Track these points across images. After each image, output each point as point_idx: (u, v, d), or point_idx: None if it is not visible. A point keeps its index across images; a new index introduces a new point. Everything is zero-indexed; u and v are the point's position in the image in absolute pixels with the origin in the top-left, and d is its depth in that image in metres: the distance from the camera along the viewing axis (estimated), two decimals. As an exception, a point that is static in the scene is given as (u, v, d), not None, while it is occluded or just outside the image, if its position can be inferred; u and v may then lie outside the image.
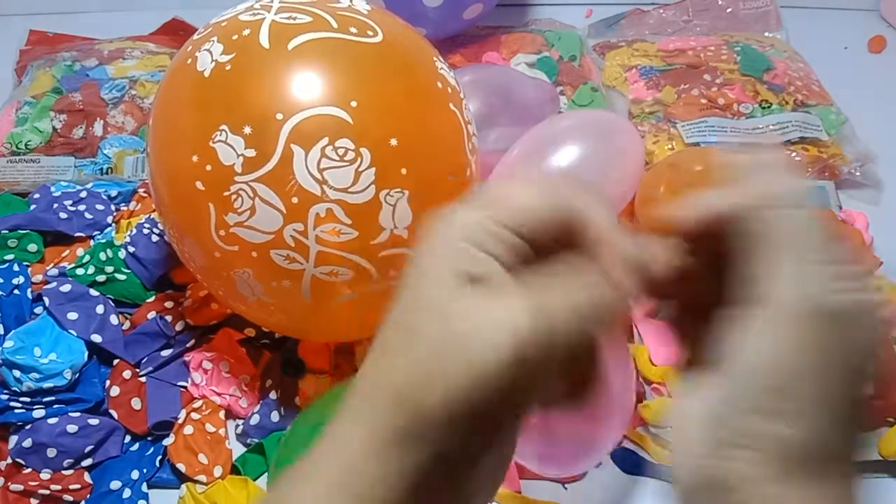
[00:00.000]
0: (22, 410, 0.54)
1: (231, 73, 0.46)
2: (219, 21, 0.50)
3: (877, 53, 0.92)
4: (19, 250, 0.64)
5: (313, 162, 0.43)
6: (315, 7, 0.48)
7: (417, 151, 0.47)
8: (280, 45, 0.46)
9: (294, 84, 0.44)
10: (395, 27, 0.52)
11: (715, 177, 0.31)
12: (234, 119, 0.44)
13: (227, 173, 0.44)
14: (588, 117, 0.65)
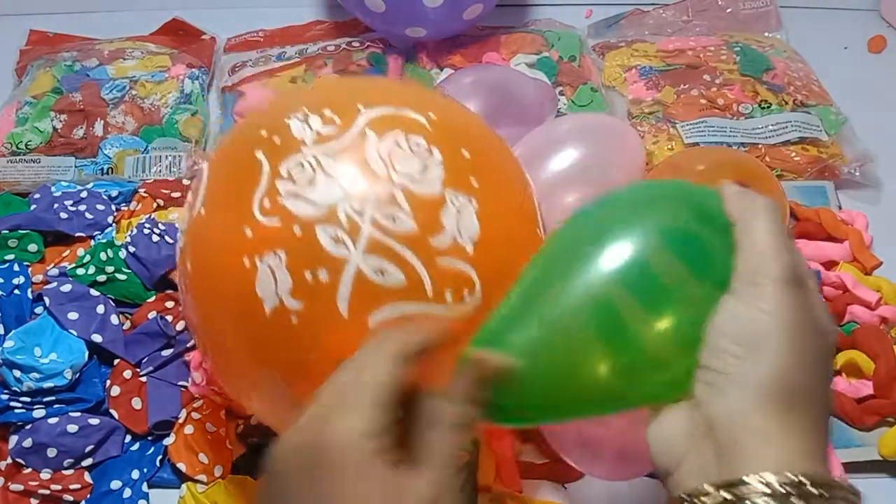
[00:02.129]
0: (22, 410, 0.54)
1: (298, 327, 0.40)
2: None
3: (877, 53, 0.92)
4: (20, 250, 0.64)
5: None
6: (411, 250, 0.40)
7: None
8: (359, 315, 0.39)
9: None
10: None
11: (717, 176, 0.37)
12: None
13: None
14: (588, 120, 0.65)
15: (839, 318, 0.62)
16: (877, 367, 0.57)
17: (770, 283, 0.29)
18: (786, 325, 0.29)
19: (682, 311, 0.31)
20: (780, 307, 0.29)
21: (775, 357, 0.28)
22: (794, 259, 0.30)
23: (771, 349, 0.28)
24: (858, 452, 0.54)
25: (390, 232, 0.39)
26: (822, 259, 0.65)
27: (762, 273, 0.29)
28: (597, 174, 0.61)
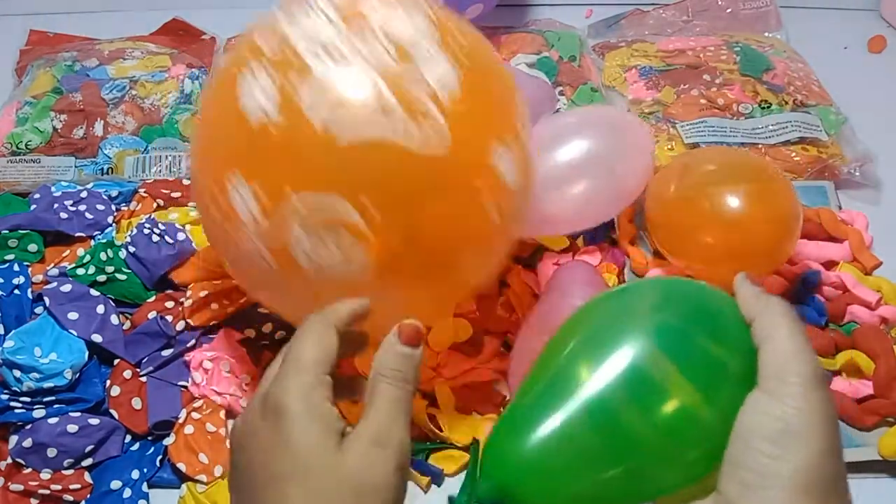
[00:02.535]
0: (22, 410, 0.54)
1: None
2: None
3: (877, 53, 0.92)
4: (20, 250, 0.64)
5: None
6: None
7: (481, 55, 0.48)
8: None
9: None
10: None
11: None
12: None
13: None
14: (595, 113, 0.65)
15: (839, 318, 0.62)
16: (877, 367, 0.57)
17: (799, 382, 0.30)
18: (816, 419, 0.29)
19: (678, 409, 0.32)
20: (810, 403, 0.30)
21: (808, 451, 0.29)
22: (816, 359, 0.31)
23: (804, 444, 0.29)
24: (858, 452, 0.54)
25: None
26: (822, 259, 0.65)
27: (790, 372, 0.30)
28: (605, 167, 0.61)
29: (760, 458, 0.29)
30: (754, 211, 0.56)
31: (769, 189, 0.57)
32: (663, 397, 0.32)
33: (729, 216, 0.56)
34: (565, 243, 0.67)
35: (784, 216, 0.56)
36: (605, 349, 0.33)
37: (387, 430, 0.32)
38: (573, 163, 0.61)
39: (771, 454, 0.29)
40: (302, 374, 0.33)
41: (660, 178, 0.62)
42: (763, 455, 0.29)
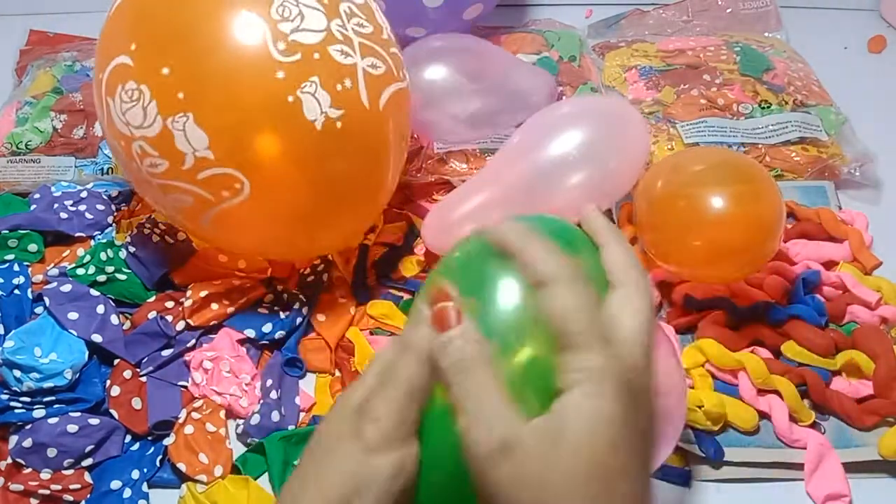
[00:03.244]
0: (22, 410, 0.54)
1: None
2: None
3: (877, 53, 0.92)
4: (20, 250, 0.64)
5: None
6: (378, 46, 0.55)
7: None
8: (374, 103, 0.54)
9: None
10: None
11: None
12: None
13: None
14: (590, 105, 0.64)
15: (839, 318, 0.62)
16: (877, 367, 0.56)
17: (485, 461, 0.30)
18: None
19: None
20: (497, 482, 0.30)
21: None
22: (502, 423, 0.30)
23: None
24: (858, 452, 0.54)
25: (365, 36, 0.53)
26: (822, 259, 0.65)
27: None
28: (600, 156, 0.61)
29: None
30: (737, 212, 0.56)
31: (752, 190, 0.57)
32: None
33: (711, 217, 0.56)
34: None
35: (767, 217, 0.57)
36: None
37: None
38: (568, 154, 0.61)
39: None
40: (390, 403, 0.32)
41: (649, 177, 0.62)
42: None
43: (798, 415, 0.56)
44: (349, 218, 0.58)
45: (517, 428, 0.29)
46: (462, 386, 0.30)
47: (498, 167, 0.64)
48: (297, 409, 0.57)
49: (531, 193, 0.61)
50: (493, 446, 0.29)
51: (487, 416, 0.29)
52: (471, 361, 0.31)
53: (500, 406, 0.30)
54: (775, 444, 0.55)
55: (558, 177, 0.60)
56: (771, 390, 0.57)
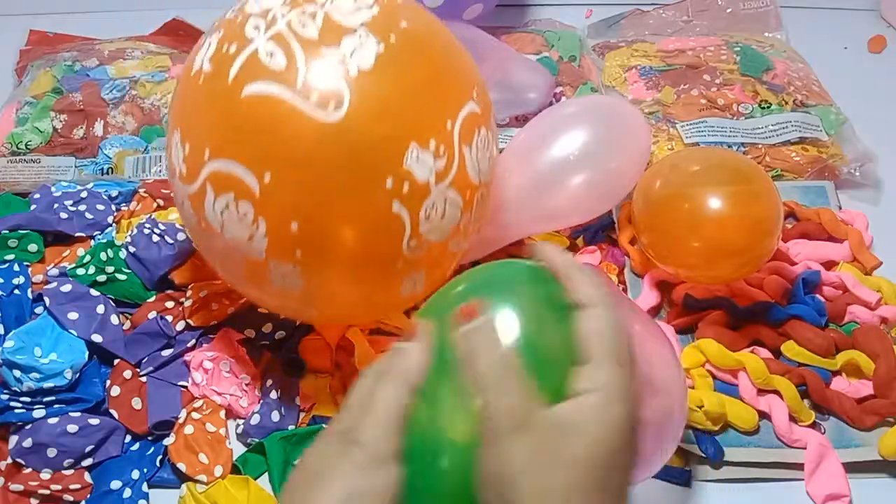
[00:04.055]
0: (22, 410, 0.54)
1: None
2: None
3: (877, 53, 0.92)
4: (20, 250, 0.64)
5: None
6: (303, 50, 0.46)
7: (421, 41, 0.49)
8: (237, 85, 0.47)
9: None
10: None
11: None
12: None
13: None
14: (592, 105, 0.64)
15: (839, 318, 0.62)
16: (877, 367, 0.57)
17: (498, 437, 0.31)
18: (523, 478, 0.30)
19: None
20: (510, 461, 0.30)
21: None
22: (514, 400, 0.31)
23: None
24: (858, 452, 0.54)
25: (295, 32, 0.46)
26: (822, 259, 0.65)
27: (491, 427, 0.31)
28: (601, 156, 0.61)
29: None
30: (734, 212, 0.56)
31: (750, 190, 0.57)
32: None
33: (709, 217, 0.57)
34: (565, 243, 0.68)
35: (765, 217, 0.57)
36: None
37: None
38: (570, 156, 0.61)
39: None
40: (377, 429, 0.33)
41: (646, 179, 0.62)
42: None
43: (798, 415, 0.56)
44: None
45: (537, 408, 0.31)
46: (484, 362, 0.32)
47: (501, 167, 0.63)
48: (297, 409, 0.57)
49: (534, 193, 0.61)
50: (515, 421, 0.30)
51: (510, 392, 0.31)
52: (494, 343, 0.32)
53: (521, 384, 0.31)
54: (775, 444, 0.55)
55: (560, 177, 0.60)
56: (771, 390, 0.57)
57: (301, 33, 0.45)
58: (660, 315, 0.63)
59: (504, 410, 0.30)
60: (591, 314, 0.33)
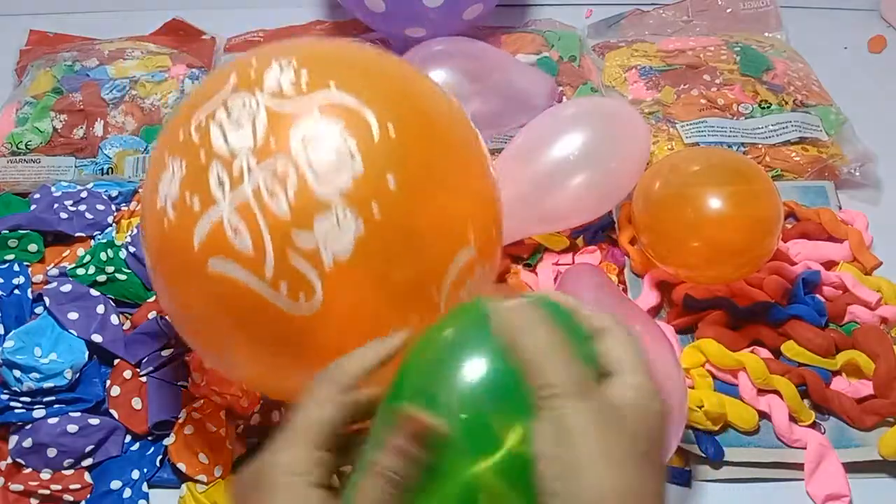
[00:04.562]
0: (22, 410, 0.54)
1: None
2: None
3: (877, 53, 0.92)
4: (20, 250, 0.64)
5: None
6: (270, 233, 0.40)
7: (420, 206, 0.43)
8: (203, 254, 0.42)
9: None
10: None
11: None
12: None
13: None
14: (590, 106, 0.64)
15: (839, 318, 0.62)
16: (877, 367, 0.57)
17: (563, 403, 0.29)
18: (592, 439, 0.29)
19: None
20: (578, 423, 0.29)
21: (594, 475, 0.29)
22: (575, 368, 0.30)
23: (589, 468, 0.29)
24: (858, 452, 0.54)
25: (264, 205, 0.40)
26: (822, 259, 0.65)
27: (552, 394, 0.30)
28: (601, 157, 0.61)
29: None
30: (734, 212, 0.56)
31: (750, 191, 0.57)
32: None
33: (709, 217, 0.57)
34: (565, 243, 0.68)
35: (765, 217, 0.57)
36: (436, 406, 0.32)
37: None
38: (569, 157, 0.61)
39: (557, 481, 0.29)
40: (293, 449, 0.32)
41: (647, 178, 0.62)
42: (550, 484, 0.29)
43: (798, 415, 0.56)
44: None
45: (590, 378, 0.31)
46: (539, 333, 0.31)
47: (501, 170, 0.64)
48: (297, 409, 0.57)
49: (534, 195, 0.61)
50: (578, 388, 0.30)
51: (568, 361, 0.30)
52: (540, 317, 0.32)
53: (574, 357, 0.31)
54: (775, 444, 0.55)
55: (560, 178, 0.60)
56: (771, 390, 0.57)
57: (270, 207, 0.39)
58: (660, 315, 0.63)
59: (569, 376, 0.30)
60: (614, 333, 0.33)
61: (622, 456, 0.29)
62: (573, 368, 0.30)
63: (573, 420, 0.29)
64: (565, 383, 0.29)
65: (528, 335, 0.31)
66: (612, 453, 0.29)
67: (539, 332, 0.31)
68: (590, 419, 0.29)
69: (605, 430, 0.29)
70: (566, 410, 0.29)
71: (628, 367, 0.32)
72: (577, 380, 0.30)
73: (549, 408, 0.29)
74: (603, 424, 0.29)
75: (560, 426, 0.29)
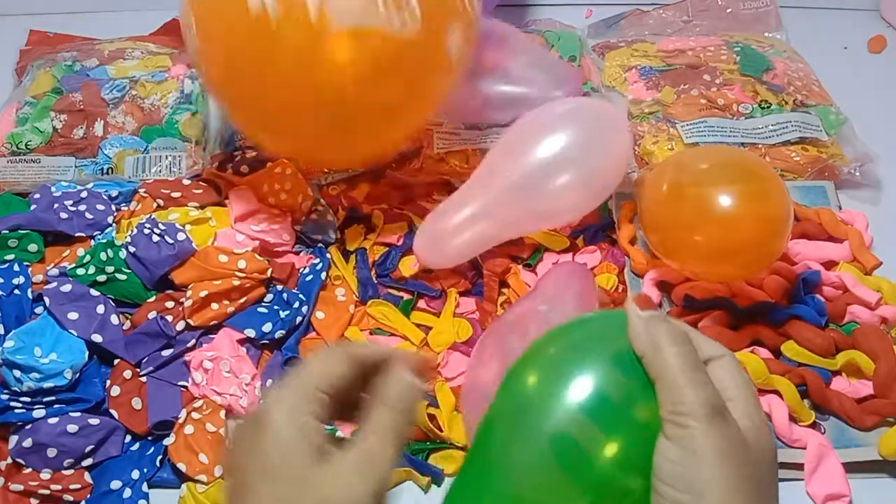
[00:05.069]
0: (22, 410, 0.54)
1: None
2: None
3: (877, 53, 0.93)
4: (20, 250, 0.64)
5: None
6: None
7: None
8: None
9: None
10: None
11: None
12: None
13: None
14: (569, 106, 0.65)
15: (839, 318, 0.62)
16: (877, 367, 0.57)
17: (695, 424, 0.29)
18: (718, 463, 0.29)
19: (634, 433, 0.31)
20: (706, 446, 0.29)
21: (718, 498, 0.29)
22: (708, 390, 0.30)
23: (712, 491, 0.29)
24: (858, 452, 0.54)
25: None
26: (822, 259, 0.65)
27: (683, 413, 0.30)
28: (584, 155, 0.61)
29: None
30: (745, 211, 0.56)
31: (761, 189, 0.57)
32: (622, 416, 0.31)
33: (719, 216, 0.56)
34: (565, 243, 0.68)
35: (775, 216, 0.56)
36: (565, 381, 0.32)
37: (373, 458, 0.32)
38: (554, 157, 0.61)
39: (681, 502, 0.29)
40: (294, 387, 0.33)
41: (654, 177, 0.62)
42: (670, 501, 0.29)
43: (798, 415, 0.56)
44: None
45: (719, 398, 0.30)
46: (675, 351, 0.31)
47: (483, 178, 0.64)
48: (297, 409, 0.57)
49: (523, 193, 0.61)
50: (713, 409, 0.29)
51: (705, 381, 0.30)
52: (680, 336, 0.31)
53: (703, 375, 0.31)
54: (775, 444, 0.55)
55: (545, 179, 0.60)
56: (771, 390, 0.57)
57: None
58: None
59: (701, 397, 0.29)
60: (724, 361, 0.33)
61: (745, 486, 0.29)
62: (707, 390, 0.30)
63: (701, 442, 0.29)
64: (697, 404, 0.29)
65: (665, 350, 0.31)
66: (737, 483, 0.29)
67: (676, 349, 0.31)
68: (718, 445, 0.29)
69: (730, 458, 0.29)
70: (695, 432, 0.29)
71: (742, 396, 0.31)
72: (710, 402, 0.30)
73: (678, 425, 0.29)
74: (730, 452, 0.29)
75: (687, 446, 0.29)
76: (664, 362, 0.31)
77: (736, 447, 0.29)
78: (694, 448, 0.29)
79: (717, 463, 0.29)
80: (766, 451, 0.31)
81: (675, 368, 0.30)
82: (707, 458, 0.29)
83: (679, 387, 0.30)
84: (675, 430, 0.29)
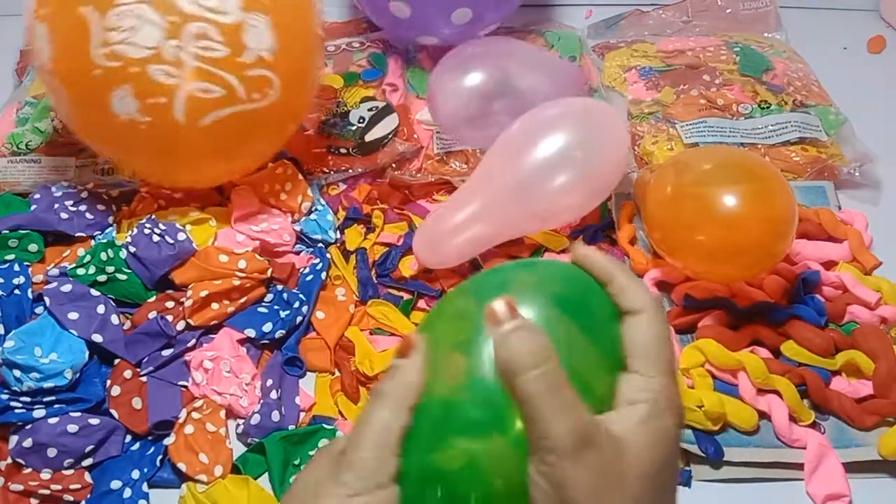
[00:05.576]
0: (22, 410, 0.54)
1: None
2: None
3: (877, 53, 0.93)
4: (20, 250, 0.64)
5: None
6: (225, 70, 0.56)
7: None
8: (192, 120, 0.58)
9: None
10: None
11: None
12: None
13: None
14: (565, 107, 0.65)
15: (839, 318, 0.62)
16: (877, 367, 0.57)
17: (559, 461, 0.28)
18: (590, 496, 0.28)
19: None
20: (575, 483, 0.28)
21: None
22: (574, 416, 0.29)
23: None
24: (858, 452, 0.54)
25: (208, 60, 0.55)
26: (822, 259, 0.65)
27: (548, 448, 0.28)
28: (585, 158, 0.61)
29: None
30: (750, 211, 0.56)
31: (765, 189, 0.57)
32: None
33: (724, 215, 0.56)
34: (565, 243, 0.68)
35: (779, 216, 0.56)
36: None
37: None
38: (553, 157, 0.61)
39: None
40: (366, 453, 0.31)
41: (657, 178, 0.62)
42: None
43: (798, 415, 0.56)
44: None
45: (596, 423, 0.29)
46: (532, 375, 0.29)
47: (483, 179, 0.64)
48: (298, 409, 0.57)
49: (519, 198, 0.61)
50: (579, 440, 0.28)
51: (567, 407, 0.28)
52: (538, 350, 0.29)
53: (576, 397, 0.29)
54: (775, 444, 0.55)
55: (544, 179, 0.60)
56: (771, 390, 0.57)
57: (213, 57, 0.56)
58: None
59: (564, 429, 0.28)
60: (640, 320, 0.32)
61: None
62: (572, 416, 0.28)
63: (570, 477, 0.28)
64: (562, 437, 0.28)
65: (525, 372, 0.29)
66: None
67: (535, 372, 0.29)
68: (586, 481, 0.28)
69: (612, 485, 0.28)
70: (561, 469, 0.28)
71: (646, 364, 0.31)
72: (576, 432, 0.28)
73: (544, 462, 0.28)
74: (600, 483, 0.28)
75: (555, 483, 0.28)
76: (523, 391, 0.29)
77: (606, 475, 0.28)
78: (564, 484, 0.28)
79: (589, 497, 0.28)
80: (660, 448, 0.30)
81: (536, 397, 0.28)
82: (578, 495, 0.28)
83: (542, 419, 0.28)
84: (542, 467, 0.28)
